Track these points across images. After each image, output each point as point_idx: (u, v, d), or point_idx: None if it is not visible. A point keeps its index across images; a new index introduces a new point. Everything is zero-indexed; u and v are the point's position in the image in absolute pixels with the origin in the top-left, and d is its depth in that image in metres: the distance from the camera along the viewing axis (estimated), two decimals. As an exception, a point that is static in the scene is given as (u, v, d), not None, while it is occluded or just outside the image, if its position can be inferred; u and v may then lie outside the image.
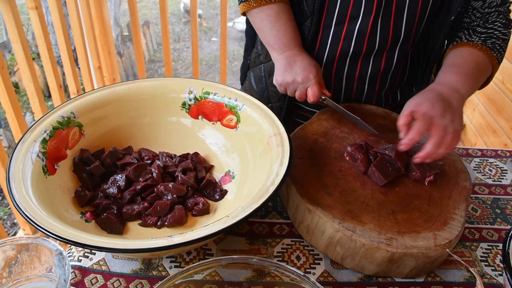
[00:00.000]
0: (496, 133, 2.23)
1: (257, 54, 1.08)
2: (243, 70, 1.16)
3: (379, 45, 0.90)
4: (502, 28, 0.87)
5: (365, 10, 0.86)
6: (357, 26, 0.88)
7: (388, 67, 0.95)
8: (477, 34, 0.88)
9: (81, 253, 0.70)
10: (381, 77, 0.96)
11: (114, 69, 2.44)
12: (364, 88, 0.97)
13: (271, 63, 1.03)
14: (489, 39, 0.86)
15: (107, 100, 0.82)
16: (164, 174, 0.77)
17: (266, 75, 1.06)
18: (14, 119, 1.61)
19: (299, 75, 0.85)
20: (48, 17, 2.95)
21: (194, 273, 0.54)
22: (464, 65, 0.82)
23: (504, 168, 0.95)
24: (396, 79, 0.99)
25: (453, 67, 0.83)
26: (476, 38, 0.87)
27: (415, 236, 0.65)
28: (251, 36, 1.09)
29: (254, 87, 1.11)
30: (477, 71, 0.82)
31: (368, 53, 0.92)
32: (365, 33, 0.88)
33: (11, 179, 0.62)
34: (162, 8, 2.19)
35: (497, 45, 0.86)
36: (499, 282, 0.70)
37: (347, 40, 0.90)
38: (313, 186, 0.73)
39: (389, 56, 0.93)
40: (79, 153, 0.78)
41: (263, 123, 0.77)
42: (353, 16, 0.87)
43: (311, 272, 0.69)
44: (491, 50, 0.85)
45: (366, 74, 0.95)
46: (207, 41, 4.84)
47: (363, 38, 0.89)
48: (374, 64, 0.94)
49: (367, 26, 0.87)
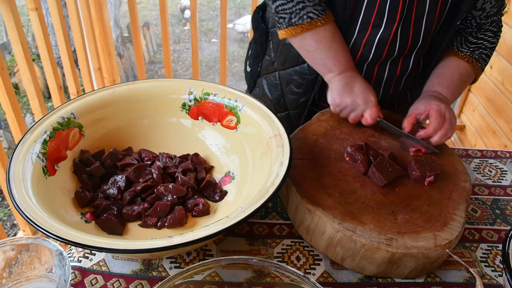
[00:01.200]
0: (496, 134, 2.23)
1: (270, 61, 1.07)
2: (253, 77, 1.15)
3: (398, 52, 0.91)
4: (492, 38, 0.96)
5: (388, 19, 0.86)
6: (379, 34, 0.88)
7: (404, 71, 0.96)
8: (467, 44, 0.95)
9: (81, 254, 0.70)
10: (396, 81, 0.98)
11: (114, 71, 2.44)
12: (380, 91, 0.98)
13: (291, 70, 1.02)
14: (477, 49, 0.95)
15: (107, 101, 0.82)
16: (164, 175, 0.77)
17: (283, 83, 1.05)
18: (14, 120, 1.61)
19: (359, 97, 0.86)
20: (48, 18, 2.96)
21: (194, 273, 0.54)
22: (448, 76, 0.93)
23: (504, 169, 0.95)
24: (409, 82, 1.00)
25: (439, 78, 0.94)
26: (466, 49, 0.95)
27: (415, 236, 0.65)
28: (261, 43, 1.08)
29: (268, 95, 1.10)
30: (459, 82, 0.94)
31: (386, 59, 0.93)
32: (386, 41, 0.89)
33: (11, 180, 0.62)
34: (162, 10, 2.19)
35: (484, 54, 0.95)
36: (499, 283, 0.70)
37: (367, 47, 0.90)
38: (313, 187, 0.73)
39: (405, 61, 0.94)
40: (79, 154, 0.78)
41: (263, 124, 0.77)
42: (376, 24, 0.87)
43: (311, 273, 0.69)
44: (477, 61, 0.95)
45: (382, 79, 0.96)
46: (207, 42, 4.84)
47: (383, 46, 0.90)
48: (390, 69, 0.95)
49: (389, 34, 0.88)
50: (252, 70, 1.14)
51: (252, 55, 1.13)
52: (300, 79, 1.01)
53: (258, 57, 1.11)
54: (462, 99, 2.57)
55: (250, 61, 1.15)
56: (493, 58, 2.23)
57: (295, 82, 1.02)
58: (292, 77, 1.02)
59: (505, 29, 2.01)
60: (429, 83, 0.94)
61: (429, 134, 0.84)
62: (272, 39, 1.06)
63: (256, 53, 1.11)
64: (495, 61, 2.24)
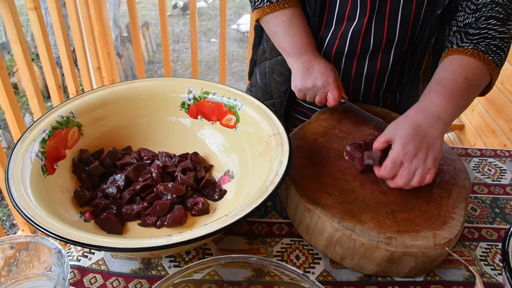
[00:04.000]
0: (495, 133, 2.24)
1: (263, 50, 1.09)
2: (251, 65, 1.18)
3: (373, 46, 0.91)
4: (499, 26, 0.78)
5: (360, 12, 0.87)
6: (352, 27, 0.89)
7: (384, 68, 0.95)
8: (468, 37, 0.79)
9: (80, 253, 0.70)
10: (378, 78, 0.97)
11: (113, 70, 2.44)
12: (361, 87, 0.98)
13: (274, 60, 1.04)
14: (482, 40, 0.77)
15: (106, 100, 0.82)
16: (163, 174, 0.77)
17: (270, 72, 1.07)
18: (13, 119, 1.61)
19: (318, 80, 0.86)
20: (47, 18, 2.95)
21: (193, 272, 0.54)
22: (451, 81, 0.75)
23: (503, 167, 0.95)
24: (393, 81, 0.99)
25: (438, 85, 0.75)
26: (467, 43, 0.79)
27: (415, 235, 0.65)
28: (258, 32, 1.11)
29: (259, 83, 1.12)
30: (465, 88, 0.74)
31: (362, 53, 0.92)
32: (359, 34, 0.89)
33: (10, 179, 0.62)
34: (161, 9, 2.19)
35: (493, 46, 0.77)
36: (498, 281, 0.70)
37: (342, 39, 0.91)
38: (312, 186, 0.73)
39: (385, 57, 0.93)
40: (78, 153, 0.78)
41: (262, 122, 0.77)
42: (350, 17, 0.88)
43: (310, 272, 0.69)
44: (485, 53, 0.76)
45: (362, 74, 0.96)
46: (207, 42, 4.84)
47: (357, 39, 0.90)
48: (369, 64, 0.94)
49: (361, 27, 0.88)
50: (252, 59, 1.17)
51: (253, 44, 1.16)
52: (281, 68, 1.02)
53: (255, 46, 1.14)
54: (462, 99, 2.57)
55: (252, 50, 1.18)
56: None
57: (277, 71, 1.04)
58: (276, 66, 1.04)
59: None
60: (426, 90, 0.77)
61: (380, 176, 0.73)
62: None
63: (255, 42, 1.14)
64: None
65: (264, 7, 0.89)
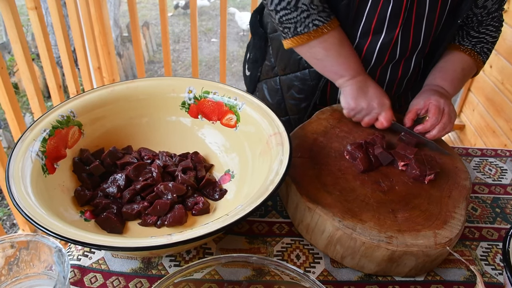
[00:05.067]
0: (496, 133, 2.23)
1: (270, 67, 1.07)
2: (252, 81, 1.14)
3: (399, 55, 0.91)
4: (493, 32, 0.96)
5: (389, 25, 0.86)
6: (381, 40, 0.88)
7: (405, 74, 0.96)
8: (469, 38, 0.96)
9: (80, 252, 0.70)
10: (398, 83, 0.98)
11: (113, 70, 2.43)
12: None
13: (292, 76, 1.01)
14: (479, 43, 0.96)
15: (107, 99, 0.82)
16: (164, 174, 0.77)
17: (284, 88, 1.05)
18: (13, 119, 1.61)
19: (374, 100, 0.86)
20: (48, 17, 2.95)
21: (193, 271, 0.54)
22: (450, 70, 0.94)
23: (504, 167, 0.95)
24: (411, 83, 1.01)
25: (441, 72, 0.94)
26: (467, 42, 0.96)
27: (415, 234, 0.65)
28: (261, 48, 1.08)
29: (268, 99, 1.10)
30: (461, 76, 0.95)
31: (388, 63, 0.93)
32: (388, 47, 0.89)
33: (10, 178, 0.62)
34: (161, 9, 2.19)
35: (485, 48, 0.96)
36: (499, 281, 0.70)
37: (369, 53, 0.90)
38: (312, 185, 0.73)
39: (407, 64, 0.94)
40: (78, 153, 0.78)
41: (263, 122, 0.77)
42: (377, 31, 0.87)
43: (311, 271, 0.69)
44: (479, 54, 0.95)
45: (384, 82, 0.96)
46: (207, 42, 4.84)
47: (385, 51, 0.90)
48: (392, 72, 0.95)
49: (391, 40, 0.88)
50: (252, 75, 1.13)
51: (251, 60, 1.13)
52: (301, 85, 1.00)
53: (257, 62, 1.11)
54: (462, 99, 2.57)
55: (249, 65, 1.14)
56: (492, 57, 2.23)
57: (296, 87, 1.01)
58: (293, 82, 1.01)
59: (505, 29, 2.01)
60: (431, 76, 0.95)
61: (426, 129, 0.86)
62: (271, 44, 1.05)
63: (255, 58, 1.11)
64: (494, 60, 2.24)
65: (310, 32, 0.83)
